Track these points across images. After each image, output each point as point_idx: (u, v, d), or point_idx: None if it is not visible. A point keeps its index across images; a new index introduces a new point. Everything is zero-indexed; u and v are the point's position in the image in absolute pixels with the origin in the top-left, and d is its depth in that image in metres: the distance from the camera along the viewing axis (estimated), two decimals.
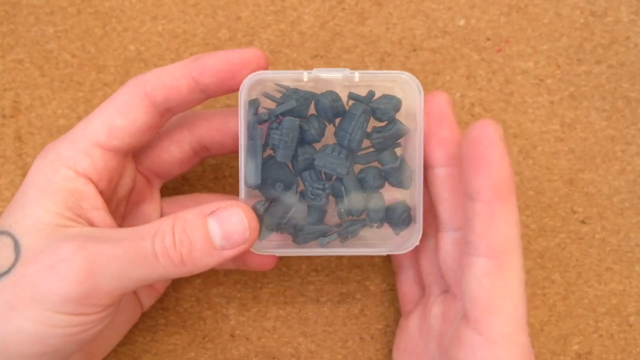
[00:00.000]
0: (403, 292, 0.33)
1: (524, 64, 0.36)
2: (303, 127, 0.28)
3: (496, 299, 0.24)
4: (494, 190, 0.24)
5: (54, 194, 0.26)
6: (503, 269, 0.24)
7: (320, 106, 0.28)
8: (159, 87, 0.27)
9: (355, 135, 0.28)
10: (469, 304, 0.25)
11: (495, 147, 0.24)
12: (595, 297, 0.36)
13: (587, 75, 0.36)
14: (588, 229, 0.36)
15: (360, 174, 0.29)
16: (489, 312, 0.24)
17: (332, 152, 0.28)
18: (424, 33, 0.36)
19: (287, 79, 0.29)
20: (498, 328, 0.24)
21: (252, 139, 0.28)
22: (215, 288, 0.36)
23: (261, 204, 0.28)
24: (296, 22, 0.36)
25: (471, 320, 0.25)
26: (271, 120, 0.28)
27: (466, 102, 0.36)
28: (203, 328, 0.35)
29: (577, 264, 0.36)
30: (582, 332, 0.36)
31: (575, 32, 0.36)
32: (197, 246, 0.25)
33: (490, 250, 0.24)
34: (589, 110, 0.36)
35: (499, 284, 0.24)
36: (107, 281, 0.25)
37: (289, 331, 0.35)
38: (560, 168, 0.36)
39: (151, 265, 0.25)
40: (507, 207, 0.24)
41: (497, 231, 0.24)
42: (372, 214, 0.29)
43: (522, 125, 0.36)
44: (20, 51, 0.36)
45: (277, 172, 0.28)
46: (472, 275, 0.25)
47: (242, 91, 0.28)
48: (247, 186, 0.28)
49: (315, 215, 0.29)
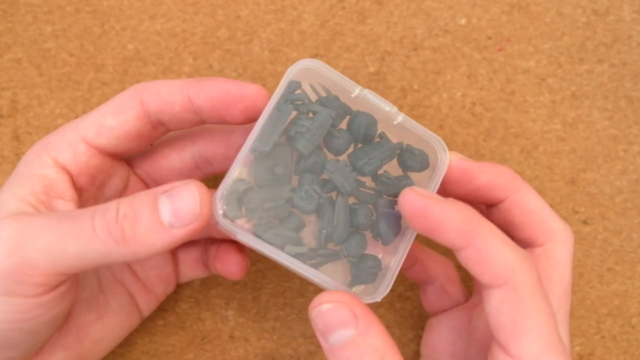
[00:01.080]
0: (430, 301, 0.32)
1: (525, 63, 0.36)
2: (333, 134, 0.27)
3: (518, 322, 0.24)
4: (462, 236, 0.24)
5: (26, 178, 0.26)
6: (516, 291, 0.24)
7: (357, 123, 0.27)
8: (154, 96, 0.27)
9: (373, 163, 0.27)
10: (495, 332, 0.24)
11: (428, 212, 0.24)
12: (598, 298, 0.35)
13: (589, 75, 0.36)
14: (590, 230, 0.36)
15: (353, 205, 0.27)
16: (514, 335, 0.24)
17: (344, 167, 0.27)
18: (424, 32, 0.36)
19: (339, 83, 0.27)
20: (526, 349, 0.23)
21: (279, 111, 0.26)
22: (214, 289, 0.35)
23: (245, 183, 0.26)
24: (296, 21, 0.36)
25: (500, 343, 0.24)
26: (301, 111, 0.27)
27: (467, 101, 0.36)
28: (202, 329, 0.35)
29: (579, 264, 0.36)
30: (584, 334, 0.35)
31: (577, 31, 0.36)
32: (142, 221, 0.23)
33: (496, 280, 0.24)
34: (591, 109, 0.36)
35: (516, 306, 0.24)
36: (38, 255, 0.23)
37: (288, 332, 0.35)
38: (561, 168, 0.36)
39: (87, 238, 0.23)
40: (485, 237, 0.24)
41: (492, 261, 0.24)
42: (350, 250, 0.27)
43: (524, 125, 0.36)
44: (18, 50, 0.36)
45: (279, 158, 0.27)
46: (491, 307, 0.24)
47: (290, 70, 0.26)
48: (252, 151, 0.26)
49: (295, 221, 0.26)
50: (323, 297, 0.24)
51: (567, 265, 0.28)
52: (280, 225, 0.26)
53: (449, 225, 0.24)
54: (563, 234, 0.28)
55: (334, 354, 0.24)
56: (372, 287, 0.27)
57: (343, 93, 0.27)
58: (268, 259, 0.35)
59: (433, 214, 0.24)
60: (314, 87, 0.27)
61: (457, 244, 0.24)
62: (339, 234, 0.26)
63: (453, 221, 0.24)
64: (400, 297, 0.36)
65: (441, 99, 0.36)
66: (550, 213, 0.29)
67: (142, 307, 0.32)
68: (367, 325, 0.24)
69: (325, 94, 0.27)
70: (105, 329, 0.30)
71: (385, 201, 0.27)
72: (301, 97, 0.26)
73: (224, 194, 0.25)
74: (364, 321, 0.24)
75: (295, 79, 0.26)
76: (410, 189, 0.25)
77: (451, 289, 0.32)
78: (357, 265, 0.27)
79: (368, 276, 0.27)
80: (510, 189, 0.28)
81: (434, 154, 0.28)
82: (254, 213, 0.25)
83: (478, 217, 0.24)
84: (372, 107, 0.28)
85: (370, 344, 0.23)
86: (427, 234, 0.24)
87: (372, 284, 0.27)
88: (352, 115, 0.28)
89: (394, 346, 0.24)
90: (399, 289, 0.36)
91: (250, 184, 0.26)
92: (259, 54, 0.36)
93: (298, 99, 0.26)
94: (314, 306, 0.24)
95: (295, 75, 0.26)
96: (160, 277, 0.32)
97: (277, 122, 0.26)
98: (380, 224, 0.27)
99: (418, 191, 0.25)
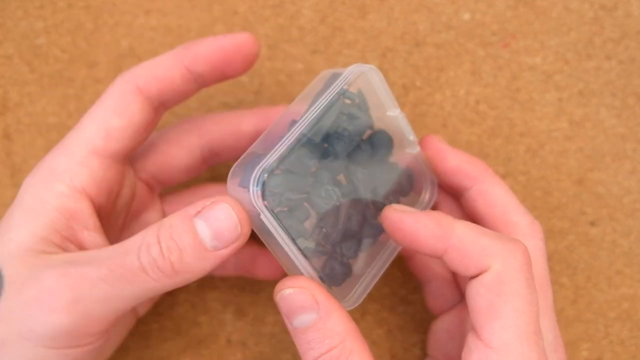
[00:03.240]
0: (430, 301, 0.33)
1: (531, 59, 0.35)
2: (360, 146, 0.27)
3: (494, 305, 0.24)
4: (438, 239, 0.25)
5: (42, 214, 0.25)
6: (496, 275, 0.24)
7: (380, 142, 0.28)
8: (151, 80, 0.26)
9: (387, 186, 0.28)
10: (471, 314, 0.25)
11: (402, 224, 0.25)
12: (605, 302, 0.35)
13: (597, 71, 0.35)
14: (598, 231, 0.35)
15: (348, 210, 0.28)
16: (488, 318, 0.24)
17: (368, 180, 0.28)
18: (427, 28, 0.35)
19: (381, 97, 0.28)
20: (497, 335, 0.24)
21: (331, 106, 0.26)
22: (211, 292, 0.35)
23: (279, 165, 0.25)
24: (295, 17, 0.35)
25: (475, 327, 0.25)
26: (342, 111, 0.27)
27: (471, 99, 0.35)
28: (198, 333, 0.34)
29: (587, 267, 0.35)
30: (591, 338, 0.35)
31: (585, 26, 0.35)
32: (187, 252, 0.24)
33: (478, 269, 0.24)
34: (599, 107, 0.35)
35: (494, 290, 0.24)
36: (97, 306, 0.23)
37: (287, 337, 0.35)
38: (568, 167, 0.35)
39: (141, 280, 0.23)
40: (460, 233, 0.25)
41: (471, 252, 0.24)
42: (347, 252, 0.27)
43: (529, 123, 0.35)
44: (8, 46, 0.35)
45: (313, 151, 0.27)
46: (469, 289, 0.25)
47: (350, 69, 0.26)
48: (301, 137, 0.25)
49: (304, 214, 0.26)
50: (286, 282, 0.25)
51: (537, 260, 0.28)
52: (292, 215, 0.26)
53: (424, 232, 0.25)
54: (528, 228, 0.28)
55: (298, 337, 0.25)
56: (343, 293, 0.27)
57: (379, 107, 0.28)
58: None
59: (407, 224, 0.25)
60: (360, 93, 0.27)
61: (438, 248, 0.25)
62: (336, 235, 0.27)
63: (427, 228, 0.25)
64: (402, 301, 0.35)
65: (444, 96, 0.35)
66: (516, 206, 0.29)
67: (139, 309, 0.31)
68: (327, 310, 0.24)
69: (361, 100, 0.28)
70: (109, 338, 0.29)
71: None
72: (353, 97, 0.27)
73: (265, 170, 0.24)
74: (324, 306, 0.24)
75: (350, 80, 0.27)
76: (389, 207, 0.26)
77: (447, 291, 0.32)
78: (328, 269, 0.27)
79: (334, 279, 0.27)
80: (477, 179, 0.29)
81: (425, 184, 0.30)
82: (276, 198, 0.25)
83: (450, 218, 0.25)
84: (396, 129, 0.28)
85: (331, 327, 0.24)
86: (410, 246, 0.25)
87: (343, 289, 0.27)
88: (376, 132, 0.28)
89: (356, 330, 0.25)
90: (401, 292, 0.35)
91: (282, 168, 0.25)
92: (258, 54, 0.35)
93: (351, 98, 0.27)
94: (277, 290, 0.25)
95: (352, 76, 0.27)
96: None
97: (328, 116, 0.26)
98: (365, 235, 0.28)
99: (395, 207, 0.26)
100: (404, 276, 0.35)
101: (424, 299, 0.33)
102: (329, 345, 0.24)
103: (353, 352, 0.24)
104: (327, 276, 0.26)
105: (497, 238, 0.25)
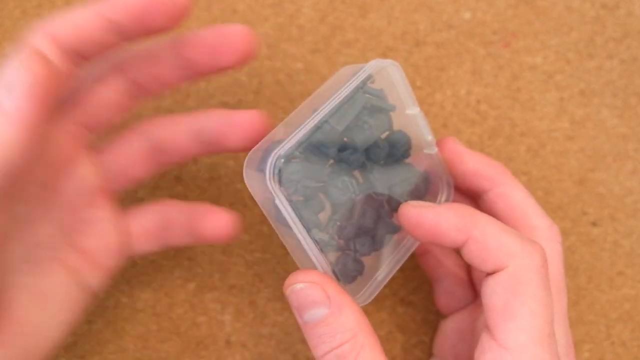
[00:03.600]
0: (440, 301, 0.32)
1: (531, 59, 0.35)
2: (378, 143, 0.27)
3: (510, 305, 0.24)
4: (460, 231, 0.25)
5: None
6: (514, 275, 0.24)
7: (399, 142, 0.28)
8: (68, 29, 0.24)
9: (404, 186, 0.28)
10: (486, 312, 0.25)
11: (422, 218, 0.25)
12: (607, 303, 0.35)
13: (598, 71, 0.35)
14: (599, 231, 0.35)
15: (362, 206, 0.28)
16: (503, 318, 0.24)
17: (386, 178, 0.27)
18: (427, 27, 0.35)
19: (401, 94, 0.27)
20: (512, 336, 0.24)
21: (354, 98, 0.26)
22: (210, 293, 0.34)
23: (297, 151, 0.25)
24: (295, 16, 0.35)
25: (489, 327, 0.25)
26: (364, 105, 0.26)
27: (472, 98, 0.35)
28: (197, 334, 0.34)
29: (588, 267, 0.35)
30: (593, 339, 0.34)
31: (586, 25, 0.35)
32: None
33: (496, 266, 0.25)
34: (600, 107, 0.35)
35: (511, 289, 0.24)
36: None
37: (287, 338, 0.34)
38: (569, 168, 0.35)
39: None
40: (482, 226, 0.25)
41: (491, 248, 0.25)
42: (362, 249, 0.27)
43: (530, 123, 0.35)
44: (6, 45, 0.35)
45: (328, 141, 0.26)
46: (486, 288, 0.25)
47: (372, 64, 0.26)
48: (323, 124, 0.25)
49: (318, 206, 0.26)
50: (298, 276, 0.25)
51: (554, 263, 0.28)
52: (307, 205, 0.25)
53: (445, 225, 0.25)
54: (547, 231, 0.28)
55: (308, 331, 0.25)
56: (354, 290, 0.27)
57: (398, 105, 0.27)
58: (265, 263, 0.34)
59: (427, 219, 0.25)
60: (382, 93, 0.27)
61: (458, 240, 0.25)
62: (350, 230, 0.26)
63: (449, 220, 0.25)
64: (402, 302, 0.35)
65: (445, 96, 0.35)
66: (534, 209, 0.29)
67: (92, 283, 0.29)
68: (339, 304, 0.24)
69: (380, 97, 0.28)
70: (47, 314, 0.27)
71: None
72: (377, 93, 0.27)
73: (283, 156, 0.24)
74: (336, 301, 0.24)
75: (372, 75, 0.27)
76: (406, 204, 0.26)
77: (459, 290, 0.32)
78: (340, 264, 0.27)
79: (347, 276, 0.27)
80: (496, 181, 0.29)
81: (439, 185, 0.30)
82: (293, 185, 0.25)
83: (473, 210, 0.25)
84: (413, 129, 0.28)
85: (342, 322, 0.24)
86: (430, 240, 0.25)
87: (355, 286, 0.27)
88: (396, 133, 0.28)
89: (368, 325, 0.24)
90: (401, 293, 0.35)
91: (300, 155, 0.25)
92: (255, 49, 0.35)
93: (373, 93, 0.26)
94: (288, 284, 0.25)
95: (373, 70, 0.26)
96: (103, 247, 0.29)
97: (352, 107, 0.26)
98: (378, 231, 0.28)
99: (412, 204, 0.26)
100: (404, 277, 0.35)
101: (433, 297, 0.33)
102: (340, 340, 0.24)
103: (365, 347, 0.24)
104: (340, 272, 0.26)
105: (517, 237, 0.25)
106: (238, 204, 0.35)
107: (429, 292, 0.34)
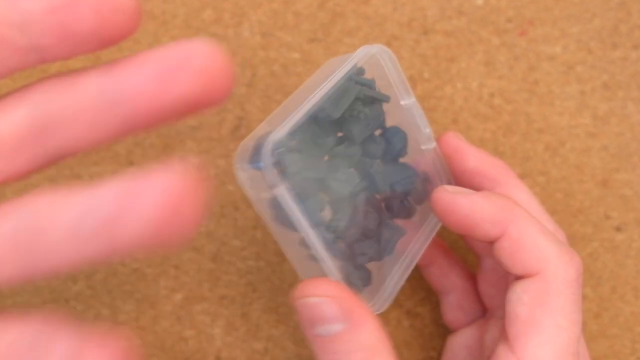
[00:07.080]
0: (446, 316, 0.32)
1: (550, 48, 0.34)
2: (374, 139, 0.26)
3: (536, 316, 0.23)
4: (496, 224, 0.24)
5: None
6: (544, 283, 0.24)
7: (396, 139, 0.27)
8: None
9: (406, 185, 0.27)
10: (507, 321, 0.24)
11: (456, 206, 0.25)
12: (632, 315, 0.33)
13: (623, 62, 0.34)
14: (624, 237, 0.33)
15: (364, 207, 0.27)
16: (526, 330, 0.23)
17: (385, 174, 0.26)
18: (436, 13, 0.34)
19: (394, 83, 0.26)
20: (533, 350, 0.23)
21: (346, 87, 0.24)
22: (198, 304, 0.33)
23: (292, 140, 0.23)
24: (291, 1, 0.34)
25: (508, 338, 0.24)
26: (357, 96, 0.25)
27: (485, 92, 0.34)
28: (184, 350, 0.33)
29: (612, 276, 0.33)
30: (616, 354, 0.33)
31: (609, 12, 0.34)
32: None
33: (527, 271, 0.24)
34: (625, 101, 0.34)
35: (539, 299, 0.23)
36: None
37: (282, 353, 0.33)
38: (592, 167, 0.34)
39: None
40: (520, 224, 0.24)
41: (525, 249, 0.24)
42: (368, 252, 0.26)
43: (549, 119, 0.34)
44: None
45: (323, 131, 0.25)
46: (511, 293, 0.24)
47: (360, 51, 0.25)
48: (319, 111, 0.24)
49: (318, 203, 0.25)
50: (311, 288, 0.23)
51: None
52: (308, 202, 0.24)
53: (480, 216, 0.24)
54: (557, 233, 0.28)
55: (320, 345, 0.23)
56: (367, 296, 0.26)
57: (390, 95, 0.26)
58: (259, 271, 0.32)
59: (462, 206, 0.24)
60: (372, 84, 0.26)
61: (492, 234, 0.24)
62: (354, 231, 0.25)
63: (484, 211, 0.24)
64: (409, 314, 0.33)
65: (455, 89, 0.34)
66: (538, 212, 0.29)
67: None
68: (359, 321, 0.23)
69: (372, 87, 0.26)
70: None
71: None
72: (369, 83, 0.25)
73: (278, 144, 0.21)
74: (355, 316, 0.23)
75: (361, 63, 0.26)
76: (440, 188, 0.25)
77: (467, 304, 0.31)
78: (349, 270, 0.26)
79: (357, 282, 0.25)
80: (498, 182, 0.28)
81: None
82: (292, 177, 0.23)
83: (513, 203, 0.24)
84: (408, 122, 0.27)
85: (361, 340, 0.23)
86: (464, 231, 0.25)
87: (364, 296, 0.26)
88: (391, 129, 0.27)
89: (386, 342, 0.23)
90: (407, 305, 0.33)
91: (296, 146, 0.23)
92: (249, 38, 0.34)
93: (365, 83, 0.25)
94: (300, 295, 0.23)
95: (361, 60, 0.25)
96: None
97: (345, 96, 0.24)
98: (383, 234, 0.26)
99: (446, 188, 0.25)
100: (410, 287, 0.33)
101: (441, 311, 0.31)
102: (359, 359, 0.23)
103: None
104: (346, 282, 0.25)
105: (555, 244, 0.24)
106: (229, 206, 0.33)
107: (437, 304, 0.33)
